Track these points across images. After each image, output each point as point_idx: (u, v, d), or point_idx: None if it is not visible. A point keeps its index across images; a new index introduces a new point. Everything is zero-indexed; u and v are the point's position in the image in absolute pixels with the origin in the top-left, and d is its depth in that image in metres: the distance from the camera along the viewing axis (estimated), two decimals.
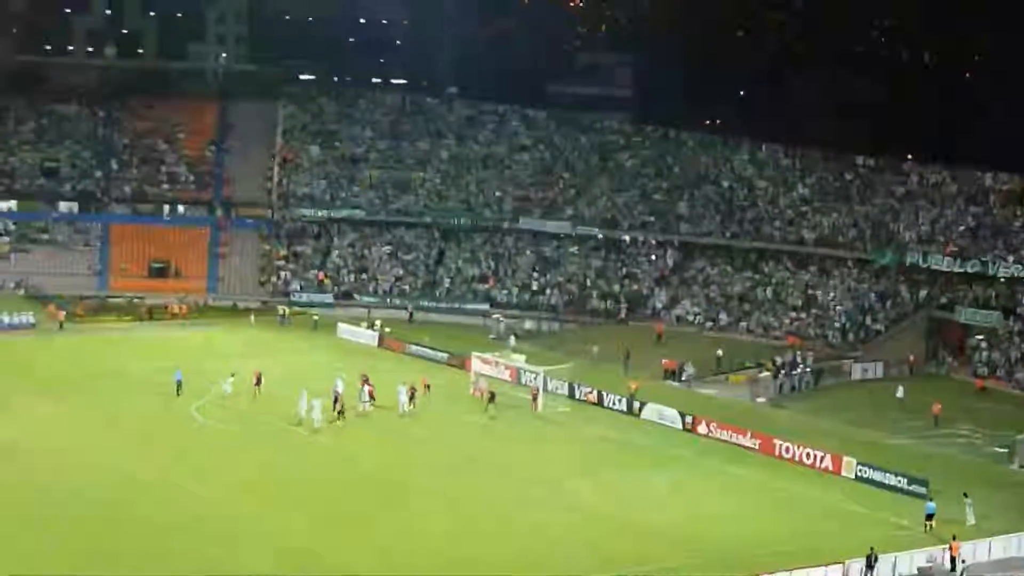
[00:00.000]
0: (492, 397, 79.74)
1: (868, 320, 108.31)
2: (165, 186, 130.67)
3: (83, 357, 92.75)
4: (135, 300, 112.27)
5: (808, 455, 72.32)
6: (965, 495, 62.34)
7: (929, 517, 60.77)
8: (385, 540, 56.03)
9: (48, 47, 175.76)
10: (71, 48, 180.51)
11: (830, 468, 70.92)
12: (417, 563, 53.25)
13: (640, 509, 62.22)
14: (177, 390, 79.52)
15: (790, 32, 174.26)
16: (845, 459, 70.59)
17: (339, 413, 74.39)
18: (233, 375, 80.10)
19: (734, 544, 57.46)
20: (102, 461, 65.55)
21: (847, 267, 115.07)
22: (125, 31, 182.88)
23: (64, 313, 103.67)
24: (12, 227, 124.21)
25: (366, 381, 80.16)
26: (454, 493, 63.44)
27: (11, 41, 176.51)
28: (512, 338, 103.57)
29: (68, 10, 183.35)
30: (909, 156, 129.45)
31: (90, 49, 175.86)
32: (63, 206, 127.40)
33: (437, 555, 54.18)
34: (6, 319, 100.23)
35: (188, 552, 52.92)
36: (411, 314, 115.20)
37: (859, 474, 69.47)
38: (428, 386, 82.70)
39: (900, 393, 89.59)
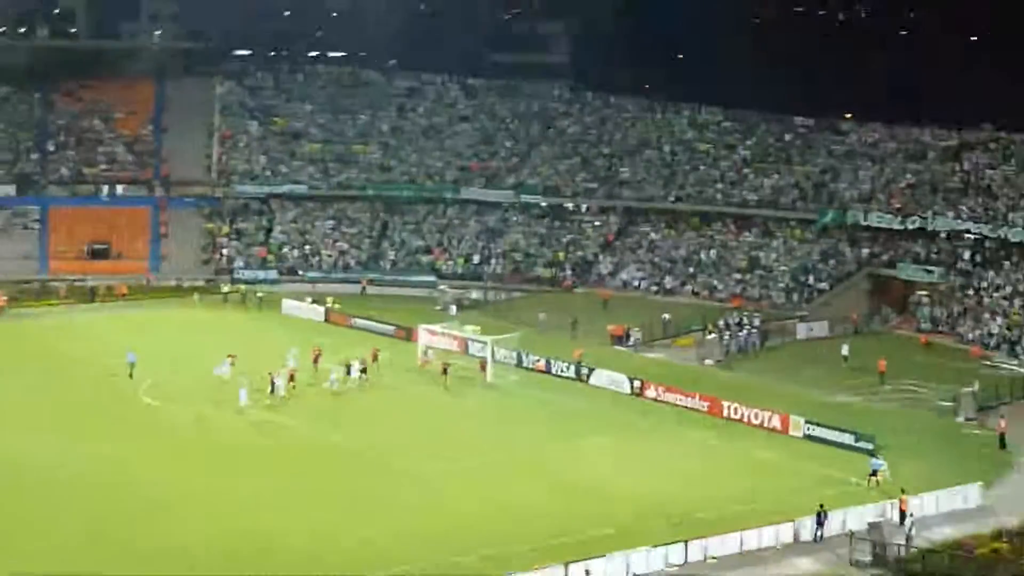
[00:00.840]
0: (445, 369, 79.49)
1: (812, 279, 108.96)
2: (103, 167, 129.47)
3: (25, 343, 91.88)
4: (76, 283, 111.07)
5: (756, 415, 72.75)
6: (872, 454, 62.95)
7: (873, 473, 61.23)
8: (338, 518, 55.86)
9: None
10: (2, 29, 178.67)
11: (778, 427, 71.36)
12: (372, 540, 53.09)
13: (592, 474, 62.41)
14: (130, 372, 78.71)
15: None
16: (792, 418, 71.04)
17: (271, 390, 73.54)
18: (230, 356, 78.51)
19: (686, 506, 57.69)
20: (52, 447, 65.02)
21: (789, 227, 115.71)
22: (57, 11, 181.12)
23: (6, 299, 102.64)
24: None
25: (318, 357, 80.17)
26: (406, 467, 63.33)
27: None
28: (453, 308, 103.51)
29: None
30: (847, 115, 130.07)
31: (22, 30, 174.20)
32: (0, 190, 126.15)
33: (396, 532, 54.02)
34: None
35: (138, 534, 52.66)
36: (363, 288, 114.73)
37: (807, 432, 69.93)
38: (376, 357, 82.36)
39: (845, 351, 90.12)
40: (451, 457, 65.21)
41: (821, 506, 54.88)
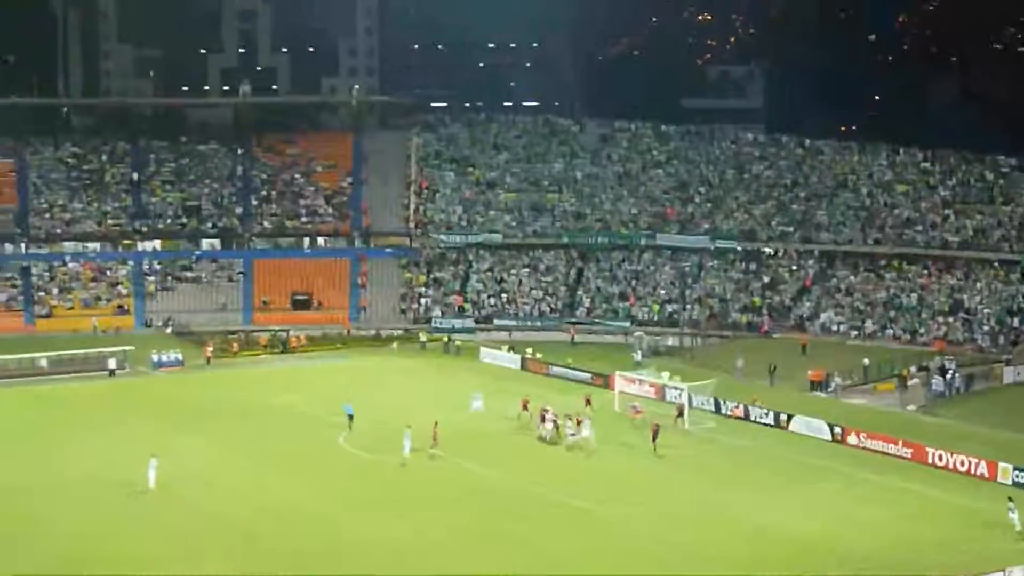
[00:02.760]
0: (655, 435, 74.96)
1: (1017, 322, 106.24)
2: (304, 219, 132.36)
3: (236, 393, 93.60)
4: (279, 333, 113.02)
5: (962, 462, 71.02)
6: (1010, 499, 60.35)
7: None
8: (527, 562, 55.73)
9: (185, 88, 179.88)
10: (207, 88, 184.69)
11: (986, 475, 69.55)
12: None
13: (792, 522, 61.50)
14: (349, 424, 78.69)
15: (923, 33, 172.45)
16: (1001, 465, 69.18)
17: (434, 440, 72.92)
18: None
19: (890, 554, 56.53)
20: (257, 493, 66.36)
21: (993, 269, 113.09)
22: (259, 68, 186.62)
23: (211, 349, 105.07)
24: (157, 266, 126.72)
25: (526, 404, 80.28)
26: (599, 512, 63.15)
27: (149, 84, 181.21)
28: (638, 353, 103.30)
29: (203, 51, 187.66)
30: None
31: (226, 88, 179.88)
32: (205, 243, 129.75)
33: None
34: (155, 357, 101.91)
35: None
36: (572, 336, 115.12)
37: (1016, 480, 68.00)
38: (589, 403, 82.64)
39: None
40: (641, 503, 64.86)
41: None
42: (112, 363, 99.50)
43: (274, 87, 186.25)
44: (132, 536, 59.13)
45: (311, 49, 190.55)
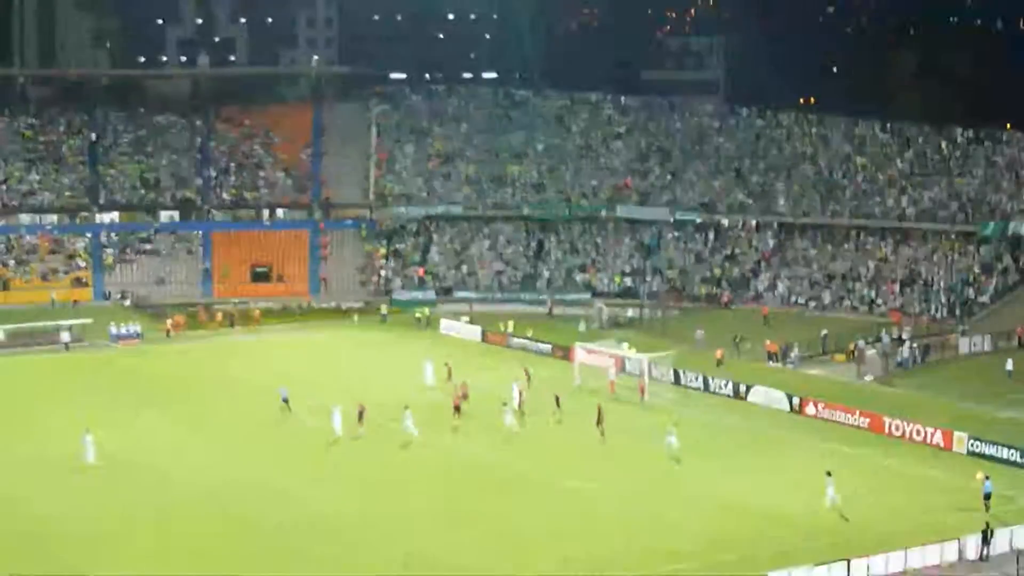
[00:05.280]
0: (599, 419, 72.43)
1: (973, 293, 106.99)
2: (264, 191, 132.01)
3: (194, 366, 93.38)
4: (238, 305, 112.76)
5: (918, 432, 71.55)
6: (828, 473, 59.74)
7: (987, 497, 58.75)
8: (494, 538, 55.86)
9: (142, 59, 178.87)
10: (165, 59, 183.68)
11: (941, 444, 70.15)
12: (528, 561, 53.03)
13: (752, 492, 61.76)
14: (287, 407, 76.99)
15: (883, 5, 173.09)
16: (956, 434, 69.77)
17: (359, 415, 72.26)
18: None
19: (848, 524, 56.94)
20: (220, 467, 66.32)
21: (950, 240, 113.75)
22: (217, 39, 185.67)
23: (171, 322, 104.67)
24: (115, 239, 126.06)
25: (450, 372, 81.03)
26: (563, 487, 63.30)
27: (106, 55, 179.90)
28: (583, 324, 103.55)
29: (160, 22, 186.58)
30: (1008, 125, 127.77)
31: (183, 59, 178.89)
32: (164, 216, 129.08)
33: (549, 552, 53.94)
34: (114, 330, 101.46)
35: (308, 555, 53.34)
36: (551, 308, 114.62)
37: (971, 449, 68.60)
38: (529, 376, 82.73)
39: (1009, 365, 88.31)
40: (603, 477, 65.01)
41: (987, 524, 53.79)
42: (66, 336, 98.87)
43: (232, 58, 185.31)
44: (97, 512, 58.75)
45: (269, 20, 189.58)
